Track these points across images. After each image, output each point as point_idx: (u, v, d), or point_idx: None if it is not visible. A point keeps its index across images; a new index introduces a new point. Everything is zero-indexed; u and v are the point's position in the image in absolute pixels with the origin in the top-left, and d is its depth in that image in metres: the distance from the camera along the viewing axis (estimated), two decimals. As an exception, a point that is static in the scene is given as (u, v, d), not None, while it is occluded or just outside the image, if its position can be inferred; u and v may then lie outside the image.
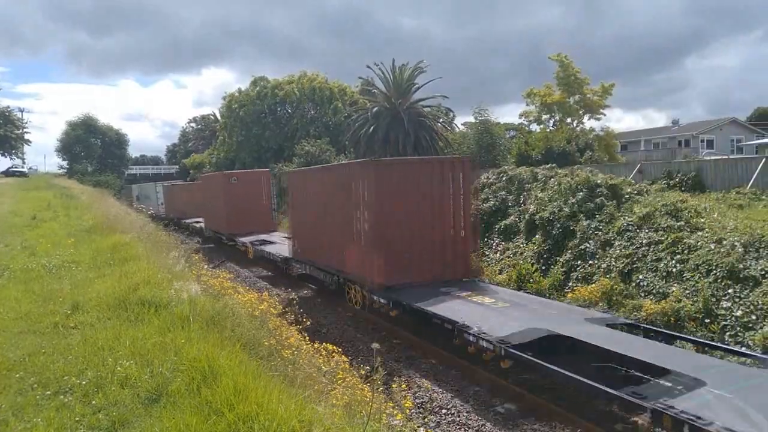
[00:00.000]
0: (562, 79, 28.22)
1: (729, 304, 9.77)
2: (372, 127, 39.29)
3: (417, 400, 8.48)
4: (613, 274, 12.13)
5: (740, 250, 10.43)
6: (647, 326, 9.16)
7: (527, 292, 12.30)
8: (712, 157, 27.35)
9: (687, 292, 10.56)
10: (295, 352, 7.02)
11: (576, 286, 12.58)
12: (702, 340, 8.68)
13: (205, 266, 13.89)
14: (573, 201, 14.69)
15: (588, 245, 13.46)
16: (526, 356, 7.70)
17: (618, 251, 12.56)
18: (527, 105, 30.20)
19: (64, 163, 68.93)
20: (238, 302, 8.75)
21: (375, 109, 41.09)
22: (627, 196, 14.16)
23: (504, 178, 19.12)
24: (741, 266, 10.12)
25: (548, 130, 31.23)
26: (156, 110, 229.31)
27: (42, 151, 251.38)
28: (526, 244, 15.74)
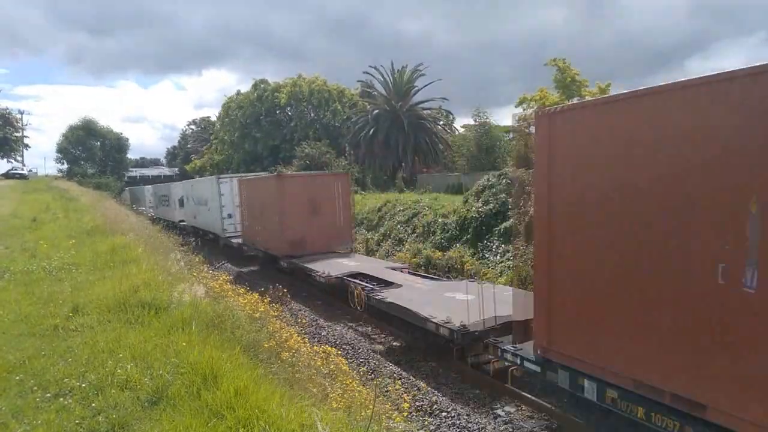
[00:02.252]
0: (560, 81, 28.22)
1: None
2: (372, 130, 39.34)
3: (416, 403, 8.46)
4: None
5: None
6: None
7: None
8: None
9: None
10: (295, 354, 7.03)
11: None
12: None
13: (205, 268, 13.89)
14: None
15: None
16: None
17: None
18: (523, 110, 30.28)
19: (63, 167, 69.05)
20: (238, 304, 8.76)
21: (375, 111, 41.17)
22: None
23: (504, 181, 19.13)
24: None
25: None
26: (156, 112, 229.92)
27: (42, 154, 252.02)
28: (527, 246, 15.71)
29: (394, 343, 11.66)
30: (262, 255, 20.08)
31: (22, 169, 61.02)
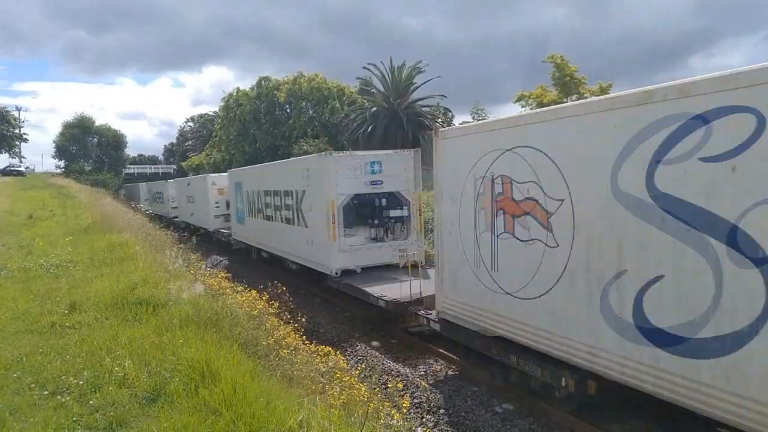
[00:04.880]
0: (558, 79, 28.16)
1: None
2: (370, 127, 39.30)
3: (415, 400, 8.47)
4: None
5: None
6: None
7: None
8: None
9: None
10: (293, 352, 7.02)
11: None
12: None
13: (203, 266, 13.88)
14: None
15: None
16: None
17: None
18: (521, 107, 30.23)
19: (61, 163, 68.91)
20: (236, 302, 8.74)
21: (373, 108, 41.11)
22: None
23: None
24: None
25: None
26: (154, 109, 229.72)
27: (39, 150, 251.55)
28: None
29: (392, 341, 11.64)
30: None
31: (20, 166, 60.85)
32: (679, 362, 5.15)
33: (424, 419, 7.86)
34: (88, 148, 69.70)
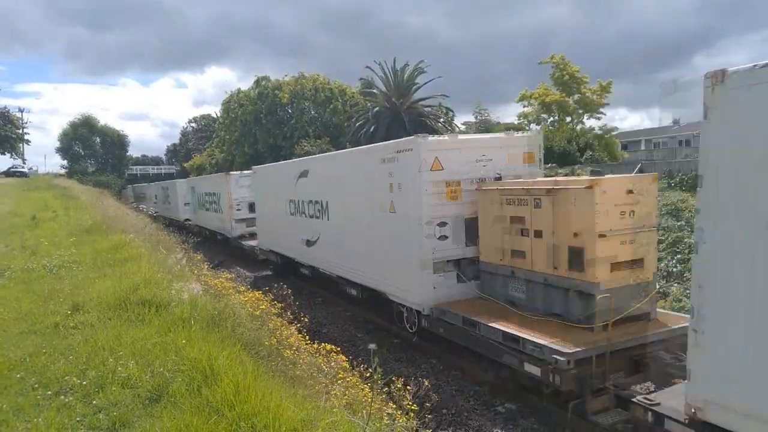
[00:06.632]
0: (558, 79, 28.15)
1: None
2: (372, 127, 39.29)
3: (416, 400, 8.46)
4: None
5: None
6: None
7: None
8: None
9: (687, 291, 10.55)
10: (296, 352, 7.03)
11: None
12: None
13: (206, 266, 13.89)
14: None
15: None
16: None
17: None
18: (523, 107, 30.22)
19: (65, 163, 69.15)
20: (238, 302, 8.76)
21: (375, 109, 41.10)
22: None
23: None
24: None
25: (548, 129, 31.23)
26: (156, 109, 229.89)
27: (42, 151, 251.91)
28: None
29: (395, 340, 11.64)
30: None
31: (23, 167, 61.00)
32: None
33: (426, 419, 7.85)
34: (93, 148, 69.99)
